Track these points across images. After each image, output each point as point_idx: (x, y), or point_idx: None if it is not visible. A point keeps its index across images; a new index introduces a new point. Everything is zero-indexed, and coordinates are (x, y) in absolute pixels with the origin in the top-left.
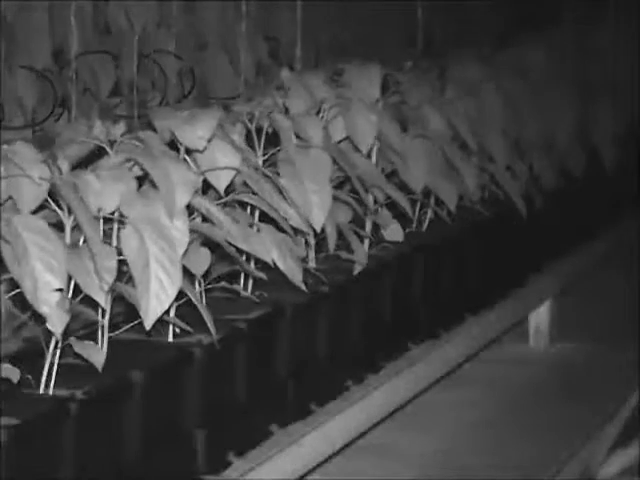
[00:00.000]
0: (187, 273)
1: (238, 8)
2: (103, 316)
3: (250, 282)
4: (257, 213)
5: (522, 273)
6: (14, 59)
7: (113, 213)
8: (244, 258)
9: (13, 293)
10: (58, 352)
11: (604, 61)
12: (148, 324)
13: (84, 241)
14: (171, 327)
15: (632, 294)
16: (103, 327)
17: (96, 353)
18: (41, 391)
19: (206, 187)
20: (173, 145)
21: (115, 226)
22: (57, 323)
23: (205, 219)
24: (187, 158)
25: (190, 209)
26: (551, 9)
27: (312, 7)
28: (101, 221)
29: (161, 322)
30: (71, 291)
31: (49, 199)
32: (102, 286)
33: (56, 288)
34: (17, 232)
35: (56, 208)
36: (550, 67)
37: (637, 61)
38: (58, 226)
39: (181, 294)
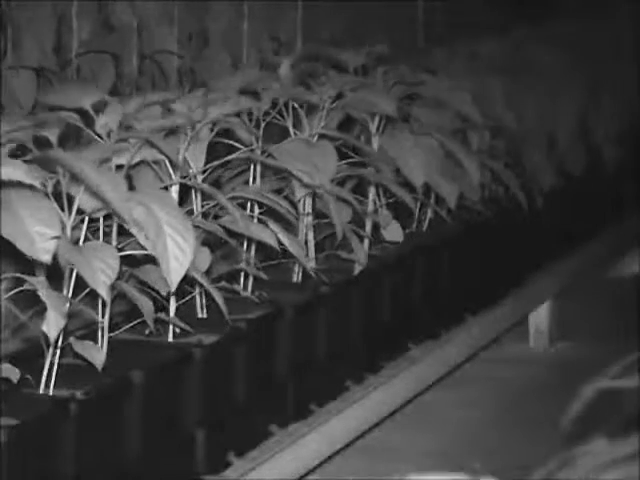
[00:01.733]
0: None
1: (240, 7)
2: (103, 316)
3: (250, 282)
4: (256, 213)
5: (522, 273)
6: (14, 58)
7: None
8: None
9: (13, 293)
10: (58, 352)
11: (605, 58)
12: (173, 286)
13: (84, 240)
14: (171, 327)
15: (632, 294)
16: (103, 327)
17: (96, 353)
18: (41, 391)
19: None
20: None
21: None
22: (53, 326)
23: (205, 216)
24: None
25: (190, 208)
26: (552, 4)
27: (313, 6)
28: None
29: (161, 322)
30: (71, 291)
31: (50, 197)
32: (105, 281)
33: (52, 236)
34: (9, 198)
35: (56, 207)
36: (551, 64)
37: (639, 58)
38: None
39: (182, 293)
